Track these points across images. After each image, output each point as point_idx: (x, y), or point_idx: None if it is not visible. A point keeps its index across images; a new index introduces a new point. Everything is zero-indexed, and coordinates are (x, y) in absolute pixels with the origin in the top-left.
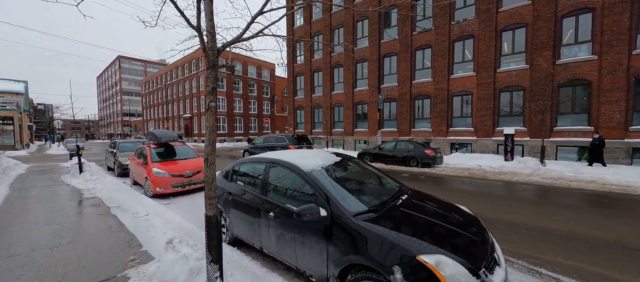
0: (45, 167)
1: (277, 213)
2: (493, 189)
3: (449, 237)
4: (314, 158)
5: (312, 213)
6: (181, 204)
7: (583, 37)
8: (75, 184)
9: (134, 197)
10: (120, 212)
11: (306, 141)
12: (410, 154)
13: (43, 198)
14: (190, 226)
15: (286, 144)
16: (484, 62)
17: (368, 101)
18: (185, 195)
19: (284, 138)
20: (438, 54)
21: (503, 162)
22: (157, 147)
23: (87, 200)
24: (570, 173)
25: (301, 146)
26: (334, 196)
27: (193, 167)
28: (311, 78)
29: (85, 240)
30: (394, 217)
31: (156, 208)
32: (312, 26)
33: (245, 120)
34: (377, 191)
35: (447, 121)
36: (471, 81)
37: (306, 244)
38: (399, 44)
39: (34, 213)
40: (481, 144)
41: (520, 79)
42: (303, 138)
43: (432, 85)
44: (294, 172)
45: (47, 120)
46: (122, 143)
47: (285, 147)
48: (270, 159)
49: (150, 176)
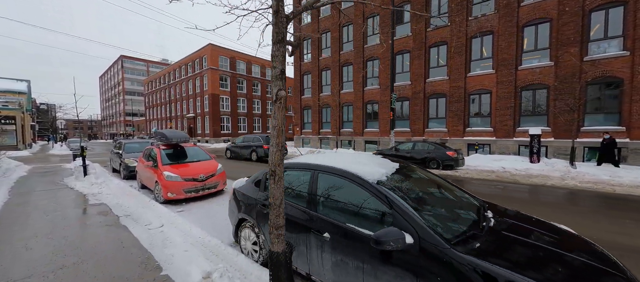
0: (47, 168)
1: (335, 234)
2: (534, 196)
3: (588, 277)
4: (371, 164)
5: (395, 240)
6: (194, 211)
7: (613, 32)
8: (79, 188)
9: (144, 204)
10: (131, 222)
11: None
12: (430, 155)
13: (45, 205)
14: (213, 241)
15: (260, 144)
16: (504, 59)
17: (379, 100)
18: (198, 201)
19: (259, 138)
20: (454, 51)
21: (528, 164)
22: (167, 149)
23: (93, 207)
24: (606, 176)
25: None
26: (420, 217)
27: (206, 170)
28: (319, 76)
29: (94, 260)
30: (502, 246)
31: (170, 217)
32: (320, 23)
33: (249, 120)
34: (456, 207)
35: (463, 121)
36: (490, 79)
37: (382, 278)
38: (412, 41)
39: (35, 224)
40: (501, 145)
41: (544, 77)
42: None
43: (447, 84)
44: (354, 183)
45: (49, 119)
46: (128, 144)
47: (259, 146)
48: (317, 166)
49: (161, 180)
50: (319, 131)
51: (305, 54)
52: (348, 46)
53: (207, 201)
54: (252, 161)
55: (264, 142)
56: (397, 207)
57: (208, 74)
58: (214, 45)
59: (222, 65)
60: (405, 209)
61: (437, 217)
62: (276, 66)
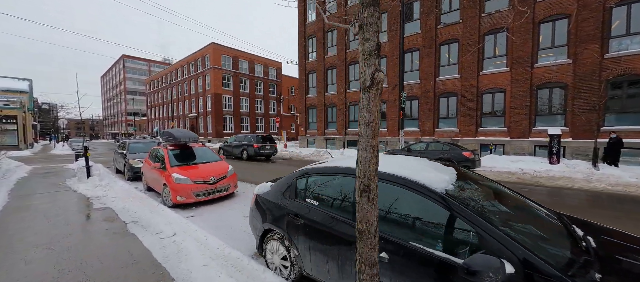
0: (49, 169)
1: (395, 254)
2: (567, 200)
3: None
4: (427, 169)
5: (495, 271)
6: (206, 216)
7: (637, 28)
8: (82, 191)
9: (152, 208)
10: (140, 230)
11: (270, 140)
12: (444, 156)
13: (46, 209)
14: (233, 253)
15: (251, 143)
16: (519, 56)
17: (386, 99)
18: (208, 205)
19: (250, 138)
20: (466, 48)
21: (548, 165)
22: (174, 149)
23: (98, 212)
24: (633, 178)
25: (265, 144)
26: (519, 238)
27: (217, 173)
28: (324, 75)
29: (102, 278)
30: (626, 276)
31: (182, 224)
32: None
33: (252, 120)
34: (539, 221)
35: (476, 120)
36: (504, 77)
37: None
38: (421, 38)
39: (35, 232)
40: (515, 145)
41: (562, 75)
42: (267, 138)
43: (459, 82)
44: (416, 192)
45: (51, 119)
46: (132, 144)
47: (249, 145)
48: None
49: (170, 182)
50: (324, 131)
51: (310, 52)
52: (354, 44)
53: (218, 204)
54: (242, 159)
55: (254, 141)
56: (484, 226)
57: (211, 73)
58: (216, 44)
59: (224, 65)
60: (495, 228)
61: (530, 237)
62: (370, 38)
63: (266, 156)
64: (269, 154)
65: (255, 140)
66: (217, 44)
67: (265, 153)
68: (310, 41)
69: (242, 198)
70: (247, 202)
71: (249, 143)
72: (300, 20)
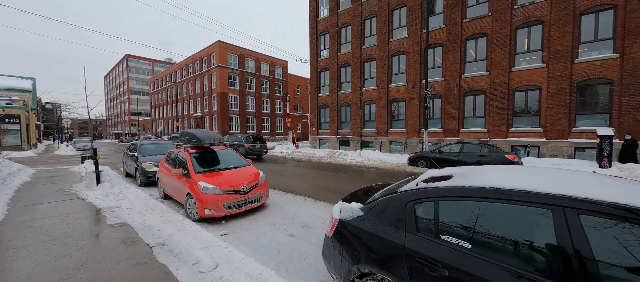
0: (53, 172)
1: None
2: None
3: None
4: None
5: None
6: (242, 234)
7: None
8: (92, 200)
9: (177, 224)
10: (171, 258)
11: (260, 140)
12: (484, 159)
13: (52, 227)
14: None
15: (242, 143)
16: (557, 51)
17: (406, 98)
18: (239, 218)
19: (241, 138)
20: (496, 43)
21: (598, 169)
22: (195, 152)
23: (113, 229)
24: None
25: (255, 144)
26: None
27: (248, 180)
28: (337, 73)
29: None
30: None
31: (219, 249)
32: (340, 17)
33: (258, 120)
34: None
35: (507, 120)
36: (540, 74)
37: None
38: (445, 33)
39: (39, 261)
40: (553, 147)
41: (607, 70)
42: (257, 138)
43: (487, 79)
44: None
45: (55, 119)
46: (144, 145)
47: (240, 145)
48: (566, 198)
49: (195, 192)
50: (337, 131)
51: (322, 49)
52: (370, 40)
53: (250, 218)
54: None
55: (245, 141)
56: None
57: (217, 72)
58: (222, 42)
59: (230, 63)
60: None
61: None
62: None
63: (257, 156)
64: (260, 153)
65: (246, 140)
66: (223, 42)
67: (256, 152)
68: (322, 38)
69: (275, 209)
70: (282, 214)
71: (239, 143)
72: (311, 17)
